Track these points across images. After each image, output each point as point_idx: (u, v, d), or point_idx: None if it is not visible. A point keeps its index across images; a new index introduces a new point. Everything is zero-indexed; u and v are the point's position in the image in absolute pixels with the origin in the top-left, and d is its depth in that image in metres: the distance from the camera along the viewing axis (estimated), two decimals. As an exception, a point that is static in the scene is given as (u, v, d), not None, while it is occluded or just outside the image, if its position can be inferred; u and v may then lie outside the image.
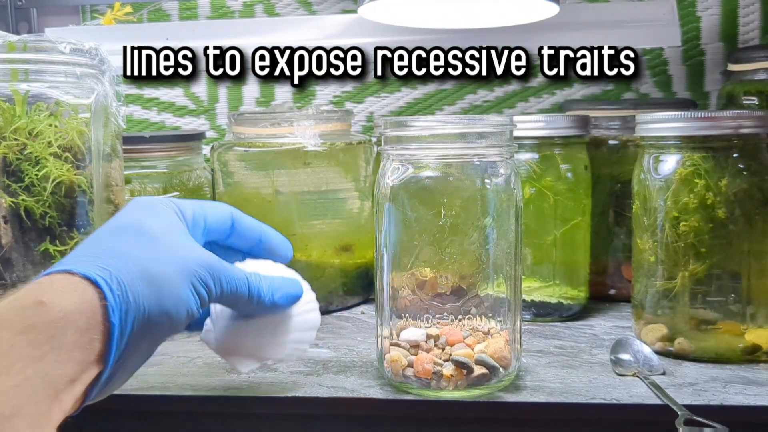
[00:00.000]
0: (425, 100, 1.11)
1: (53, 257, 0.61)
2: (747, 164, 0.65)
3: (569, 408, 0.57)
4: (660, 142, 0.67)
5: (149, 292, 0.42)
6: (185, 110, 1.15)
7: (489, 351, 0.59)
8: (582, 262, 0.81)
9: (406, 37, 0.93)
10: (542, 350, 0.70)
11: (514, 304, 0.61)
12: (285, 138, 0.82)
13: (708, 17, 1.04)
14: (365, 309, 0.87)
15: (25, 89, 0.61)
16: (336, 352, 0.71)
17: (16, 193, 0.59)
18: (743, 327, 0.65)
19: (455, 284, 0.60)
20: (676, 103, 0.96)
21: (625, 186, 0.84)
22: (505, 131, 0.60)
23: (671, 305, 0.67)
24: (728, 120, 0.64)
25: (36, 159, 0.60)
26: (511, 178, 0.60)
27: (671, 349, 0.67)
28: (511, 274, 0.61)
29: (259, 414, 0.61)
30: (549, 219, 0.78)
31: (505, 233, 0.60)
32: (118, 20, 1.01)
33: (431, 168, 0.59)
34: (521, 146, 0.78)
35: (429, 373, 0.58)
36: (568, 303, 0.81)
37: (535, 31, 0.91)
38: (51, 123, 0.61)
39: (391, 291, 0.61)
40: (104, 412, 0.47)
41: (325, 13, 1.11)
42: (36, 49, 0.62)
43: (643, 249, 0.69)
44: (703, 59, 1.05)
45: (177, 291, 0.43)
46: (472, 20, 0.90)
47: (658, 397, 0.57)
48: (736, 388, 0.59)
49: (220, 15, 1.13)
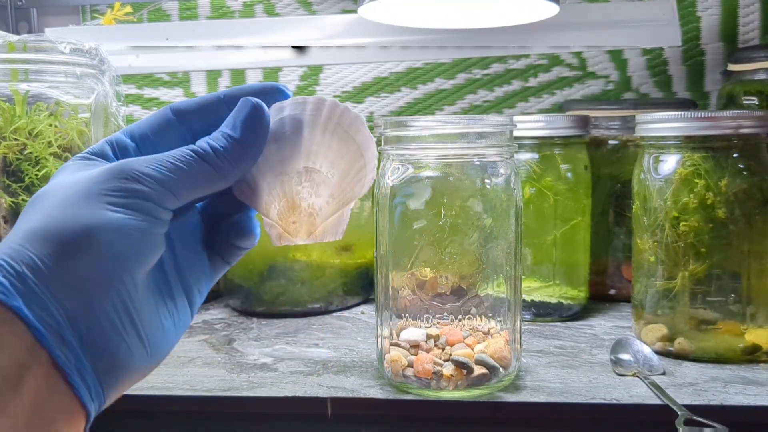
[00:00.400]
0: (425, 100, 1.11)
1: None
2: (747, 164, 0.65)
3: (569, 408, 0.57)
4: (660, 142, 0.67)
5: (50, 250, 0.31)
6: (185, 110, 1.15)
7: (489, 351, 0.59)
8: (582, 262, 0.81)
9: (406, 37, 0.93)
10: (542, 350, 0.70)
11: (514, 304, 0.61)
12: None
13: (708, 17, 1.04)
14: (365, 309, 0.87)
15: (25, 89, 0.61)
16: (336, 352, 0.71)
17: (16, 193, 0.59)
18: (743, 327, 0.65)
19: (455, 284, 0.60)
20: (676, 103, 0.96)
21: (625, 186, 0.84)
22: (505, 131, 0.60)
23: (671, 305, 0.67)
24: (728, 120, 0.64)
25: (36, 159, 0.60)
26: (511, 178, 0.60)
27: (671, 349, 0.67)
28: (511, 274, 0.61)
29: (259, 414, 0.61)
30: (549, 219, 0.78)
31: (505, 233, 0.60)
32: (118, 20, 1.01)
33: (431, 168, 0.59)
34: (521, 146, 0.78)
35: (429, 373, 0.58)
36: (568, 303, 0.81)
37: (535, 31, 0.91)
38: (51, 123, 0.61)
39: (391, 291, 0.61)
40: (103, 411, 0.47)
41: (325, 13, 1.11)
42: (36, 49, 0.62)
43: (643, 249, 0.69)
44: (703, 59, 1.05)
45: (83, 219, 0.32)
46: (472, 20, 0.90)
47: (658, 397, 0.57)
48: (736, 388, 0.59)
49: (220, 15, 1.13)
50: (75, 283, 0.32)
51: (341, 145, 0.38)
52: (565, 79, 1.08)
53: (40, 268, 0.31)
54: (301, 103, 0.38)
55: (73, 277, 0.32)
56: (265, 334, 0.78)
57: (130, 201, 0.34)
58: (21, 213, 0.35)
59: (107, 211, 0.33)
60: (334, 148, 0.38)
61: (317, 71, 1.12)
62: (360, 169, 0.38)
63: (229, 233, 0.41)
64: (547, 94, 1.09)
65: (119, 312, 0.33)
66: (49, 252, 0.32)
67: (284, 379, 0.63)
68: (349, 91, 1.12)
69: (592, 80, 1.07)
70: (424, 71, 1.10)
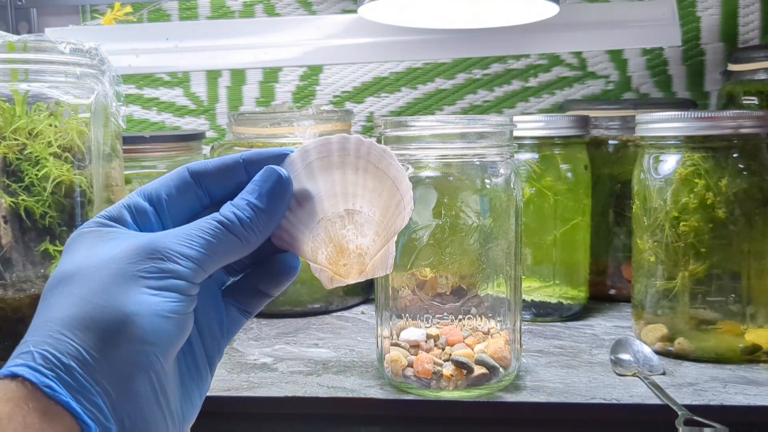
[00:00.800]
0: (425, 100, 1.11)
1: (53, 257, 0.61)
2: (747, 164, 0.65)
3: (569, 408, 0.57)
4: (660, 142, 0.67)
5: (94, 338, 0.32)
6: (185, 110, 1.15)
7: (489, 351, 0.59)
8: (582, 262, 0.81)
9: (406, 37, 0.93)
10: (542, 350, 0.70)
11: (514, 304, 0.61)
12: (285, 138, 0.82)
13: (708, 17, 1.04)
14: (365, 309, 0.87)
15: (25, 89, 0.61)
16: (336, 352, 0.71)
17: (16, 193, 0.59)
18: (743, 327, 0.65)
19: (455, 284, 0.60)
20: (676, 103, 0.96)
21: (625, 186, 0.84)
22: (505, 131, 0.60)
23: (671, 305, 0.67)
24: (728, 120, 0.64)
25: (36, 159, 0.60)
26: (511, 178, 0.60)
27: (671, 349, 0.67)
28: (511, 274, 0.61)
29: (259, 414, 0.61)
30: (549, 219, 0.78)
31: (505, 233, 0.60)
32: (118, 20, 1.01)
33: (431, 168, 0.59)
34: (521, 146, 0.78)
35: (429, 373, 0.58)
36: (568, 303, 0.81)
37: (536, 31, 0.91)
38: (51, 123, 0.61)
39: (391, 291, 0.61)
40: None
41: (325, 13, 1.11)
42: (36, 49, 0.62)
43: (643, 249, 0.69)
44: (703, 59, 1.05)
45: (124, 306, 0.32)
46: (472, 20, 0.90)
47: (658, 397, 0.57)
48: (736, 388, 0.59)
49: (220, 15, 1.13)
50: (117, 371, 0.32)
51: (376, 183, 0.38)
52: (565, 79, 1.08)
53: (86, 360, 0.31)
54: (325, 145, 0.38)
55: (116, 364, 0.32)
56: (265, 334, 0.78)
57: (166, 282, 0.34)
58: (47, 293, 0.34)
59: (145, 295, 0.33)
60: (369, 187, 0.38)
61: (317, 71, 1.12)
62: (398, 203, 0.38)
63: (259, 280, 0.40)
64: (547, 94, 1.09)
65: (156, 394, 0.33)
66: (92, 342, 0.32)
67: (284, 379, 0.63)
68: (349, 91, 1.12)
69: (592, 80, 1.07)
70: (424, 71, 1.10)
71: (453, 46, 0.94)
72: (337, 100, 1.12)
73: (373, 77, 1.11)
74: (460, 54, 1.00)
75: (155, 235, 0.35)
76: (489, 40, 0.92)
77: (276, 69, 1.12)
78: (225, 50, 0.96)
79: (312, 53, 0.95)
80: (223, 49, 0.96)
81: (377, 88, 1.11)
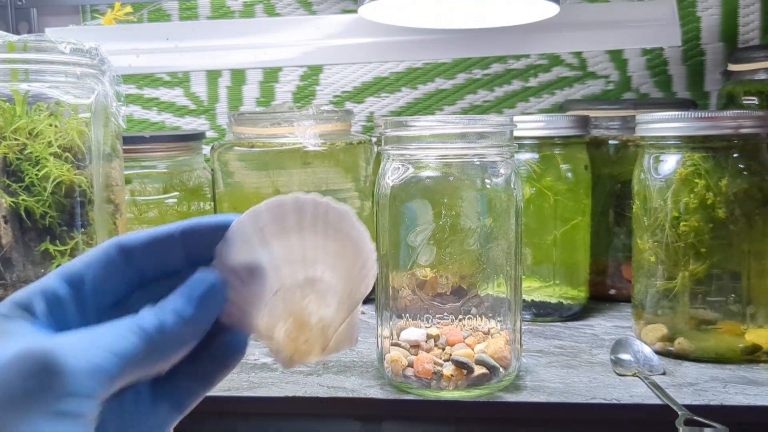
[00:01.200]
0: (425, 100, 1.11)
1: (53, 257, 0.61)
2: (747, 164, 0.65)
3: (569, 408, 0.57)
4: (660, 142, 0.67)
5: None
6: (185, 110, 1.15)
7: (489, 351, 0.59)
8: (582, 262, 0.81)
9: (406, 37, 0.93)
10: (542, 350, 0.70)
11: (514, 304, 0.61)
12: (285, 138, 0.82)
13: (708, 17, 1.04)
14: (365, 309, 0.87)
15: (25, 89, 0.61)
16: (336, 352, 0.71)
17: (16, 193, 0.59)
18: (743, 327, 0.65)
19: (455, 284, 0.60)
20: (676, 103, 0.96)
21: (625, 186, 0.84)
22: (505, 131, 0.60)
23: (671, 305, 0.67)
24: (728, 120, 0.64)
25: (36, 159, 0.60)
26: (511, 178, 0.60)
27: (671, 349, 0.67)
28: (511, 274, 0.61)
29: (259, 414, 0.61)
30: (549, 219, 0.78)
31: (505, 233, 0.60)
32: (118, 20, 1.01)
33: (431, 168, 0.59)
34: (521, 146, 0.78)
35: (429, 373, 0.58)
36: (568, 303, 0.81)
37: (536, 31, 0.91)
38: (51, 123, 0.61)
39: (391, 291, 0.61)
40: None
41: (325, 13, 1.11)
42: (36, 49, 0.62)
43: (643, 249, 0.69)
44: (703, 59, 1.05)
45: None
46: (472, 20, 0.90)
47: (658, 397, 0.57)
48: (736, 388, 0.59)
49: (220, 15, 1.13)
50: None
51: (337, 246, 0.34)
52: (565, 79, 1.08)
53: None
54: (278, 206, 0.33)
55: None
56: (265, 334, 0.78)
57: (61, 407, 0.27)
58: None
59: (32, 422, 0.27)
60: (330, 251, 0.34)
61: (317, 71, 1.12)
62: (362, 267, 0.34)
63: (199, 367, 0.33)
64: (547, 94, 1.09)
65: None
66: None
67: (284, 379, 0.63)
68: (349, 91, 1.12)
69: (592, 80, 1.07)
70: (424, 71, 1.10)
71: (453, 46, 0.94)
72: (337, 100, 1.12)
73: (373, 77, 1.11)
74: (460, 54, 1.00)
75: (56, 342, 0.28)
76: (489, 40, 0.92)
77: (276, 69, 1.12)
78: (225, 50, 0.96)
79: (312, 53, 0.95)
80: (223, 49, 0.96)
81: (377, 88, 1.11)
